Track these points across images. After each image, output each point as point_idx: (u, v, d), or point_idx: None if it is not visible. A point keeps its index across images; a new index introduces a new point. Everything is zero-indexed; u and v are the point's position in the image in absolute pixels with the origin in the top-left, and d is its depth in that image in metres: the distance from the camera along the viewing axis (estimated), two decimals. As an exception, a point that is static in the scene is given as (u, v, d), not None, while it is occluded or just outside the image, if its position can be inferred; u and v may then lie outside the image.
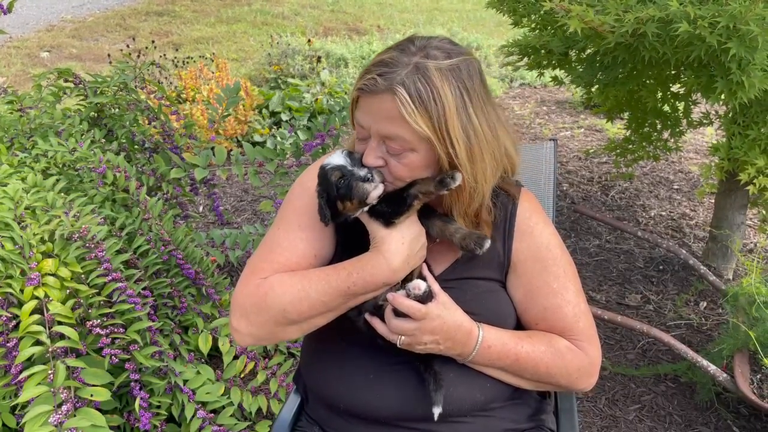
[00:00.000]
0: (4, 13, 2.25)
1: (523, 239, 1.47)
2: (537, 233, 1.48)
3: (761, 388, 2.41)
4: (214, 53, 7.00)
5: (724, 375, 2.43)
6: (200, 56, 5.82)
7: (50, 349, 1.82)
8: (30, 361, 1.83)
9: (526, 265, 1.47)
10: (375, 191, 1.30)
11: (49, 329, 1.86)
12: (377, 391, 1.29)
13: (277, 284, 1.38)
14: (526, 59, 3.45)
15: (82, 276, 2.02)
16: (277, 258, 1.43)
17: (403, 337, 1.33)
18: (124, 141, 2.88)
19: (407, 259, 1.34)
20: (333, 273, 1.36)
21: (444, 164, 1.32)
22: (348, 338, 1.46)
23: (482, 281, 1.47)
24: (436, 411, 1.35)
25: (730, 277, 3.33)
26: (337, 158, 1.35)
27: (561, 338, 1.46)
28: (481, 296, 1.45)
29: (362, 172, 1.29)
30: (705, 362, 2.45)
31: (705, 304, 3.20)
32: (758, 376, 2.45)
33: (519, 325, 1.52)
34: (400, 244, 1.34)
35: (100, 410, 1.80)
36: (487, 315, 1.43)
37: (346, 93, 5.83)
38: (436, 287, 1.38)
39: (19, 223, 2.04)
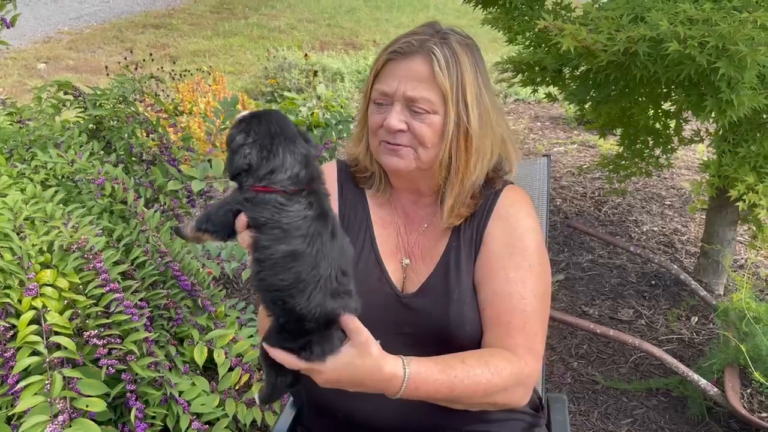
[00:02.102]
0: (7, 27, 2.28)
1: (498, 222, 1.47)
2: (513, 220, 1.47)
3: (751, 403, 2.44)
4: (211, 66, 7.04)
5: (715, 389, 2.45)
6: (197, 69, 5.84)
7: (47, 360, 1.83)
8: (27, 372, 1.84)
9: (493, 247, 1.45)
10: None
11: (47, 339, 1.87)
12: (376, 401, 1.30)
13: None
14: (520, 76, 3.50)
15: (80, 287, 2.04)
16: None
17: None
18: (122, 153, 2.90)
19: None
20: None
21: (450, 133, 1.40)
22: None
23: (467, 281, 1.45)
24: None
25: (721, 293, 3.36)
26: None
27: (499, 353, 1.36)
28: (465, 304, 1.43)
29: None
30: (696, 377, 2.48)
31: (696, 319, 3.23)
32: (748, 391, 2.47)
33: None
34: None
35: (95, 421, 1.81)
36: (470, 326, 1.42)
37: (342, 107, 5.87)
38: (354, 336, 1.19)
39: (18, 234, 2.06)
